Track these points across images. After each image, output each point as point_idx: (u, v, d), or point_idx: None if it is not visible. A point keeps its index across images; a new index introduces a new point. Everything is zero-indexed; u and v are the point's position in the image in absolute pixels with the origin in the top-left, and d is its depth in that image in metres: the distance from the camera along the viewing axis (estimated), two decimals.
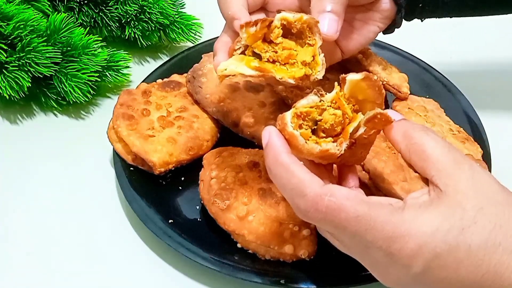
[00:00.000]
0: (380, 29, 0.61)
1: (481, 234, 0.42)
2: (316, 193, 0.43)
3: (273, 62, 0.51)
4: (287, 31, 0.52)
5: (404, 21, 0.63)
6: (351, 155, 0.47)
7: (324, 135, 0.47)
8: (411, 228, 0.42)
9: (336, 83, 0.48)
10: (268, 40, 0.52)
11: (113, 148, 0.63)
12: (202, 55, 0.71)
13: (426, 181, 0.46)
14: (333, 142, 0.46)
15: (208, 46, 0.78)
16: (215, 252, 0.56)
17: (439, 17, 0.64)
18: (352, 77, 0.47)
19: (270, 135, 0.45)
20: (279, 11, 0.51)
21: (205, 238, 0.57)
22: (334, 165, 0.50)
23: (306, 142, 0.45)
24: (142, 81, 0.71)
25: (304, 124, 0.47)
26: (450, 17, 0.64)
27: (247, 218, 0.55)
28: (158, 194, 0.61)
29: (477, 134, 0.68)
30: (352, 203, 0.42)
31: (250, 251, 0.56)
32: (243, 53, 0.52)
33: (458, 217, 0.42)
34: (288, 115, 0.46)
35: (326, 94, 0.48)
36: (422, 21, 0.64)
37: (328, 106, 0.47)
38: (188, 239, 0.57)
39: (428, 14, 0.63)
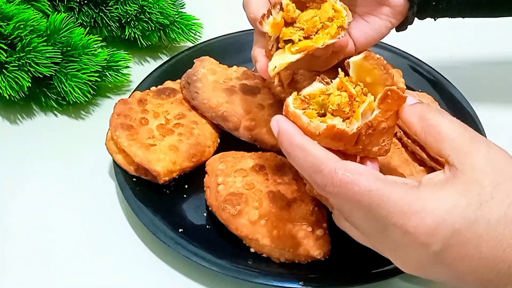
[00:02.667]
0: (392, 25, 0.62)
1: (499, 209, 0.42)
2: (331, 167, 0.43)
3: (307, 38, 0.52)
4: (300, 3, 0.53)
5: (408, 26, 0.63)
6: (371, 142, 0.47)
7: (332, 117, 0.47)
8: (427, 205, 0.42)
9: (339, 69, 0.48)
10: (289, 22, 0.53)
11: (113, 160, 0.62)
12: (194, 60, 0.71)
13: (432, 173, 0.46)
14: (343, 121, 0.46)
15: (208, 46, 0.79)
16: (229, 259, 0.56)
17: (451, 17, 0.64)
18: (355, 58, 0.48)
19: (278, 123, 0.46)
20: None
21: (217, 245, 0.57)
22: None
23: (311, 120, 0.46)
24: (135, 89, 0.71)
25: (309, 108, 0.47)
26: (463, 17, 0.64)
27: (259, 222, 0.55)
28: (164, 204, 0.61)
29: (472, 125, 0.68)
30: (366, 178, 0.43)
31: (263, 255, 0.56)
32: (278, 48, 0.53)
33: (475, 193, 0.42)
34: (290, 97, 0.47)
35: (331, 81, 0.48)
36: (435, 20, 0.64)
37: (333, 91, 0.47)
38: (201, 248, 0.56)
39: (441, 13, 0.63)
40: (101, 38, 0.74)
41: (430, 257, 0.42)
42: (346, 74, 0.48)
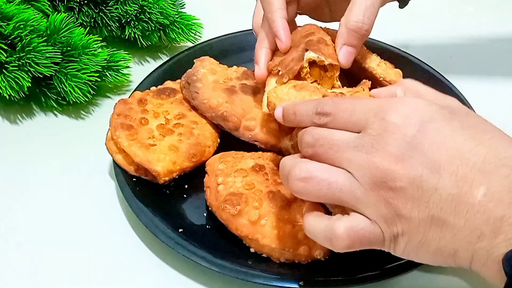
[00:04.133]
0: None
1: (469, 116, 0.46)
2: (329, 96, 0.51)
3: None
4: (315, 63, 0.58)
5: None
6: None
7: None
8: (403, 99, 0.47)
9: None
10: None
11: (113, 160, 0.62)
12: (194, 60, 0.71)
13: None
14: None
15: (208, 46, 0.79)
16: (229, 259, 0.55)
17: None
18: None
19: (282, 107, 0.51)
20: (306, 50, 0.57)
21: (217, 245, 0.57)
22: None
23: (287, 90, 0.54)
24: (135, 89, 0.71)
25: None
26: None
27: (259, 222, 0.55)
28: (164, 204, 0.60)
29: None
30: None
31: (263, 255, 0.56)
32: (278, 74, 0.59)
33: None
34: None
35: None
36: None
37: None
38: (200, 247, 0.56)
39: None
40: (101, 38, 0.74)
41: (407, 140, 0.43)
42: None
